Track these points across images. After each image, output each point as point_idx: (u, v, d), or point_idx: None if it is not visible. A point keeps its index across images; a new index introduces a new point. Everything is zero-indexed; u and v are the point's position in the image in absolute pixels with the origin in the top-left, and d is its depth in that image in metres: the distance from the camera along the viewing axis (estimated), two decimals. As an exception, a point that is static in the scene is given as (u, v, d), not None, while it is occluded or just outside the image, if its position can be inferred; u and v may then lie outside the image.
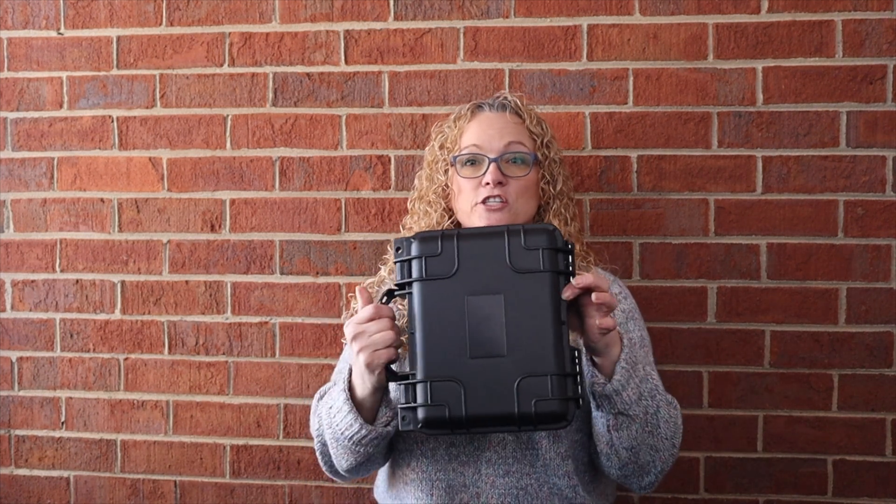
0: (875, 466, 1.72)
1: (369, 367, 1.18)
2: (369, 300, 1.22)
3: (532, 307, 1.13)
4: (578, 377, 1.14)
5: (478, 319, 1.14)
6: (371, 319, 1.18)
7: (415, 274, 1.18)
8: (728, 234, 1.74)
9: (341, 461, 1.31)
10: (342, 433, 1.25)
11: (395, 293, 1.22)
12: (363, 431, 1.23)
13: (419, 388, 1.14)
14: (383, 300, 1.21)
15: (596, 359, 1.20)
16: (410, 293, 1.18)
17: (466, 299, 1.15)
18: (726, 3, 1.72)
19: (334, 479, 1.42)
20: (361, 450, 1.26)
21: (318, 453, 1.39)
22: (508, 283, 1.14)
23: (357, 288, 1.24)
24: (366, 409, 1.24)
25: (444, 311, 1.15)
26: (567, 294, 1.14)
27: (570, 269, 1.17)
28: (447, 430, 1.14)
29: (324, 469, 1.40)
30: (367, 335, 1.18)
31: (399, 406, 1.16)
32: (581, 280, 1.14)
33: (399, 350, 1.21)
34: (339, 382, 1.28)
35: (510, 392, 1.11)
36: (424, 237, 1.19)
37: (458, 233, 1.19)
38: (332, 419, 1.27)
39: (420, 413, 1.13)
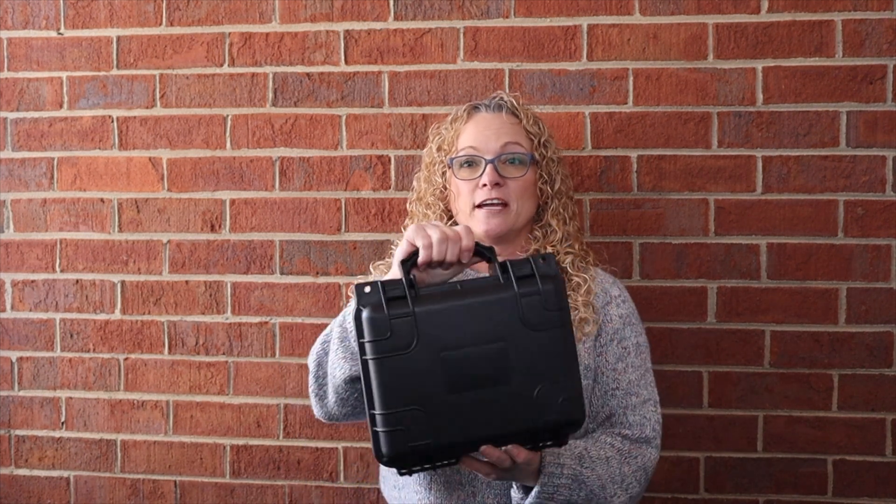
0: (875, 466, 1.72)
1: (405, 251, 1.15)
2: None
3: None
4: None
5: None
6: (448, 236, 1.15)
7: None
8: (728, 234, 1.74)
9: (336, 369, 1.27)
10: (351, 330, 1.22)
11: (419, 263, 1.16)
12: None
13: (402, 321, 1.09)
14: (406, 261, 1.16)
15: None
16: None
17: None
18: (726, 3, 1.72)
19: (318, 410, 1.35)
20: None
21: (312, 370, 1.33)
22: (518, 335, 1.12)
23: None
24: None
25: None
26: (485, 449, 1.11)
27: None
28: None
29: (312, 396, 1.34)
30: (439, 232, 1.15)
31: (367, 300, 1.11)
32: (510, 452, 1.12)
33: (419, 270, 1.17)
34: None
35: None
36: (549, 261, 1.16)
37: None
38: (345, 317, 1.26)
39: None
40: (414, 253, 1.16)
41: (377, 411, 1.08)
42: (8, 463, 1.93)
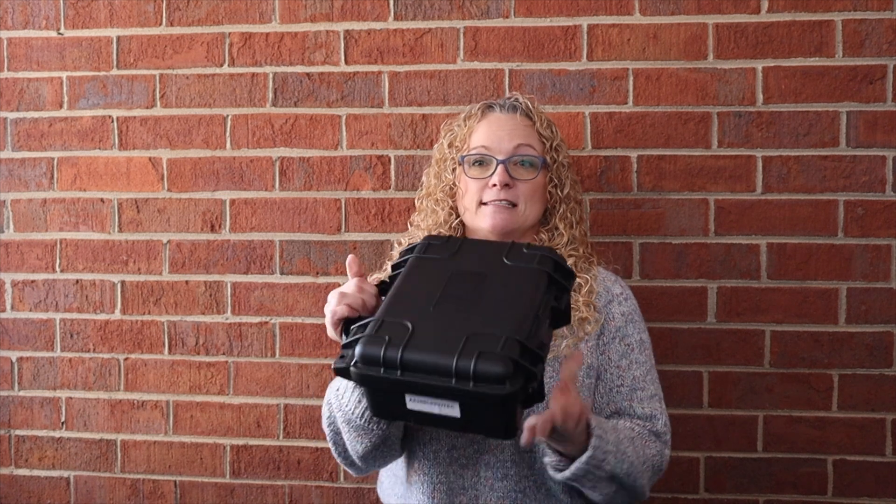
0: (875, 466, 1.72)
1: (331, 321, 1.16)
2: (358, 273, 1.20)
3: (515, 291, 1.07)
4: (539, 363, 1.03)
5: (457, 283, 1.09)
6: (353, 287, 1.17)
7: (415, 252, 1.15)
8: (728, 234, 1.74)
9: (356, 446, 1.28)
10: (352, 412, 1.23)
11: (390, 276, 1.17)
12: None
13: (369, 326, 1.06)
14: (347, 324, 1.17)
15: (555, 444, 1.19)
16: (401, 271, 1.14)
17: (452, 270, 1.11)
18: (726, 3, 1.72)
19: (350, 470, 1.39)
20: (374, 428, 1.23)
21: (331, 444, 1.36)
22: (499, 269, 1.11)
23: (350, 257, 1.21)
24: None
25: (426, 278, 1.10)
26: (526, 439, 1.06)
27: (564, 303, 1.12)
28: (376, 370, 1.02)
29: (339, 461, 1.37)
30: (339, 293, 1.16)
31: (342, 342, 1.10)
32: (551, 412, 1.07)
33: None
34: None
35: (456, 342, 1.00)
36: (435, 237, 1.19)
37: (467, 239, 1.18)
38: (340, 401, 1.26)
39: (358, 348, 1.03)
40: (345, 319, 1.15)
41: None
42: (8, 463, 1.93)
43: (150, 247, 1.88)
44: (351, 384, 1.22)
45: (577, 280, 1.40)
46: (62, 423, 1.91)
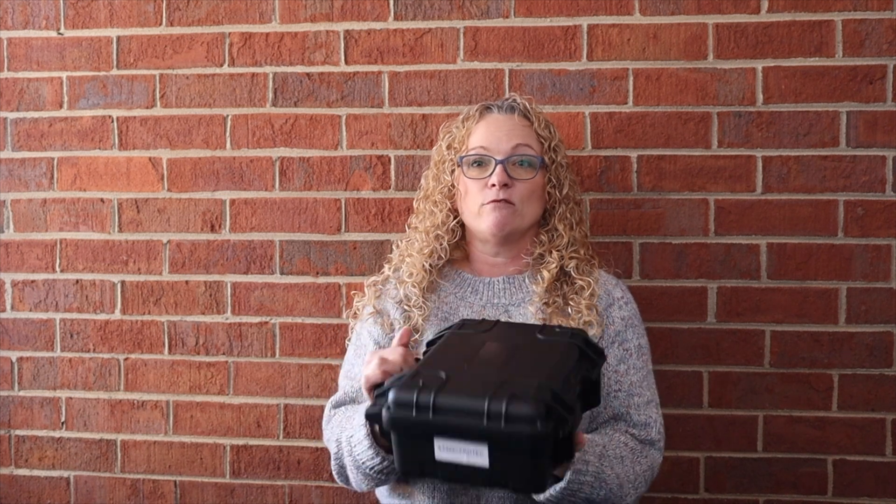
0: (875, 466, 1.72)
1: (366, 385, 1.18)
2: (405, 344, 1.23)
3: (548, 356, 1.11)
4: (571, 413, 1.04)
5: (490, 349, 1.13)
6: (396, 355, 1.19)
7: (451, 329, 1.21)
8: (728, 234, 1.74)
9: (361, 485, 1.31)
10: (364, 463, 1.25)
11: (425, 351, 1.21)
12: (385, 462, 1.23)
13: (404, 378, 1.08)
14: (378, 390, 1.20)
15: None
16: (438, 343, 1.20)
17: (486, 339, 1.15)
18: (726, 3, 1.72)
19: (346, 486, 1.40)
20: (384, 477, 1.26)
21: (335, 470, 1.37)
22: (532, 342, 1.16)
23: (402, 329, 1.24)
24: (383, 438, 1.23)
25: (461, 346, 1.15)
26: None
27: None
28: (409, 412, 1.03)
29: (338, 480, 1.38)
30: (381, 358, 1.18)
31: (375, 392, 1.13)
32: None
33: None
34: (360, 415, 1.27)
35: (489, 387, 1.02)
36: (470, 319, 1.25)
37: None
38: (352, 449, 1.27)
39: (391, 394, 1.05)
40: (378, 384, 1.17)
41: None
42: (8, 463, 1.93)
43: (150, 247, 1.88)
44: (366, 439, 1.23)
45: (580, 283, 1.40)
46: (62, 423, 1.91)
